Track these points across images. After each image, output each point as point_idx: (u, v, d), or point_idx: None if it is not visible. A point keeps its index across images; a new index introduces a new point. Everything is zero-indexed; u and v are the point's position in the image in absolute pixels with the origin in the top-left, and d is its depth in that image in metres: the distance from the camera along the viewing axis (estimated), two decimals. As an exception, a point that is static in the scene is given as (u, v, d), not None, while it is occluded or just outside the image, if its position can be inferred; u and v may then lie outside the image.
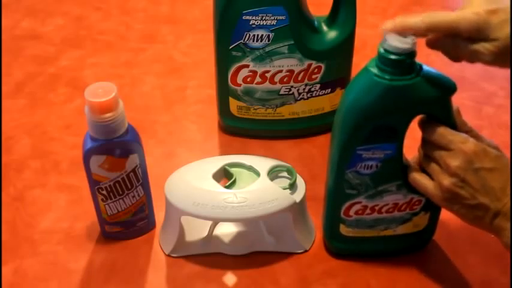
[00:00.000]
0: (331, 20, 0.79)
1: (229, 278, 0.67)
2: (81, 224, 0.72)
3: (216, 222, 0.70)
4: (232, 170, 0.67)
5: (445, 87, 0.58)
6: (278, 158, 0.70)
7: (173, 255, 0.68)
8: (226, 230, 0.71)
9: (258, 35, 0.75)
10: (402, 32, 0.56)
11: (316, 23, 0.79)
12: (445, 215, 0.73)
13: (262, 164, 0.67)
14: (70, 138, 0.85)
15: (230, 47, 0.77)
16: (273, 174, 0.67)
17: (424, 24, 0.57)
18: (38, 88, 0.95)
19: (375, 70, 0.56)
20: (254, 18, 0.74)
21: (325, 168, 0.80)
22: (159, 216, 0.71)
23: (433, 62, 1.01)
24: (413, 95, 0.57)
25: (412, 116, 0.58)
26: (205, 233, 0.70)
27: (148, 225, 0.71)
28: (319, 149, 0.83)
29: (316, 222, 0.72)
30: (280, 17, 0.74)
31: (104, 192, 0.65)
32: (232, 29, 0.75)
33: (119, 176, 0.64)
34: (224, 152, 0.83)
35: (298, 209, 0.66)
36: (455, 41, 0.57)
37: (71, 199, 0.76)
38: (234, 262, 0.68)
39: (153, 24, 1.11)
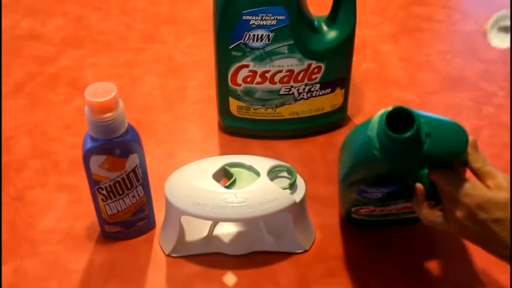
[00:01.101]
0: (331, 20, 0.79)
1: (229, 278, 0.67)
2: (81, 224, 0.72)
3: (216, 222, 0.70)
4: (232, 170, 0.67)
5: (454, 154, 0.54)
6: (278, 158, 0.70)
7: (173, 255, 0.68)
8: (226, 230, 0.71)
9: (258, 35, 0.75)
10: None
11: (316, 23, 0.79)
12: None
13: (262, 164, 0.67)
14: (70, 138, 0.85)
15: (230, 47, 0.77)
16: (273, 174, 0.67)
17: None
18: (38, 88, 0.95)
19: (374, 142, 0.53)
20: (254, 18, 0.74)
21: (325, 168, 0.80)
22: (159, 216, 0.71)
23: (434, 61, 1.02)
24: (420, 165, 0.56)
25: (419, 171, 0.58)
26: (205, 233, 0.70)
27: (148, 225, 0.71)
28: (319, 149, 0.83)
29: (316, 222, 0.72)
30: (280, 17, 0.74)
31: (104, 192, 0.65)
32: (232, 29, 0.75)
33: (119, 176, 0.64)
34: (224, 152, 0.83)
35: (298, 209, 0.66)
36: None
37: (71, 199, 0.76)
38: (234, 262, 0.68)
39: (153, 24, 1.11)
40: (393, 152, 0.52)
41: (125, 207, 0.67)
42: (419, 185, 0.59)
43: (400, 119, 0.51)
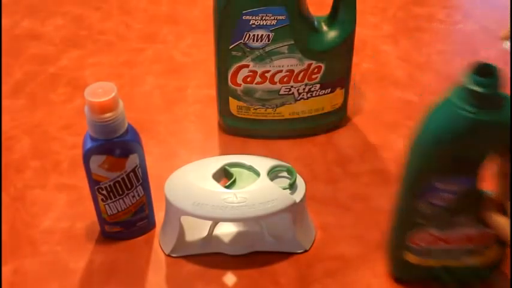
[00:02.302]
0: (331, 20, 0.79)
1: (229, 278, 0.67)
2: (81, 224, 0.72)
3: (215, 222, 0.70)
4: (232, 170, 0.67)
5: None
6: (278, 158, 0.70)
7: (173, 255, 0.69)
8: (226, 230, 0.71)
9: (258, 35, 0.75)
10: None
11: (316, 23, 0.79)
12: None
13: (262, 164, 0.67)
14: (70, 138, 0.85)
15: (230, 47, 0.77)
16: (273, 174, 0.67)
17: None
18: (38, 88, 0.95)
19: (459, 102, 0.52)
20: (254, 18, 0.74)
21: (325, 168, 0.80)
22: (159, 216, 0.71)
23: (434, 62, 1.02)
24: (499, 130, 0.52)
25: (495, 150, 0.54)
26: (205, 233, 0.70)
27: (148, 225, 0.71)
28: (319, 149, 0.83)
29: (316, 222, 0.72)
30: (280, 17, 0.74)
31: (104, 192, 0.65)
32: (232, 29, 0.75)
33: (119, 176, 0.64)
34: (224, 152, 0.83)
35: (298, 209, 0.66)
36: None
37: (71, 199, 0.76)
38: (234, 262, 0.68)
39: (153, 24, 1.11)
40: (481, 104, 0.51)
41: (125, 207, 0.67)
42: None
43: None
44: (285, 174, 0.68)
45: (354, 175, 0.79)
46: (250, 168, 0.68)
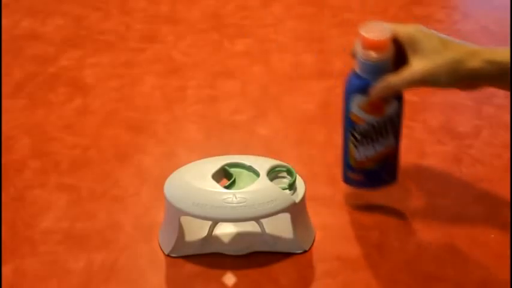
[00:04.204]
0: None
1: (229, 278, 0.67)
2: (81, 224, 0.72)
3: (215, 222, 0.70)
4: (232, 170, 0.67)
5: None
6: (278, 158, 0.70)
7: (173, 255, 0.69)
8: (226, 230, 0.71)
9: None
10: None
11: None
12: (444, 215, 0.73)
13: (262, 164, 0.67)
14: (70, 138, 0.85)
15: None
16: (272, 174, 0.67)
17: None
18: (38, 88, 0.95)
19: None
20: None
21: (325, 168, 0.80)
22: (159, 216, 0.71)
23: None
24: None
25: None
26: (204, 233, 0.70)
27: (390, 178, 0.69)
28: (319, 149, 0.83)
29: (316, 222, 0.72)
30: None
31: (357, 135, 0.64)
32: None
33: (376, 121, 0.63)
34: (224, 152, 0.83)
35: (297, 209, 0.66)
36: None
37: (71, 199, 0.76)
38: (233, 262, 0.68)
39: (153, 24, 1.11)
40: None
41: (373, 154, 0.66)
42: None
43: None
44: (284, 174, 0.68)
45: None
46: (249, 169, 0.68)
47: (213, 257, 0.68)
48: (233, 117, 0.89)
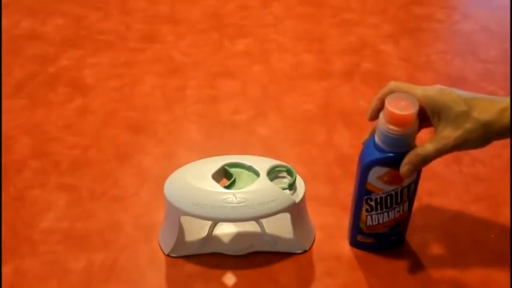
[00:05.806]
0: None
1: (229, 278, 0.67)
2: (81, 224, 0.72)
3: (215, 222, 0.70)
4: (232, 170, 0.67)
5: None
6: (278, 158, 0.70)
7: (173, 255, 0.69)
8: (226, 230, 0.71)
9: None
10: None
11: None
12: (444, 215, 0.73)
13: (262, 164, 0.67)
14: (70, 138, 0.85)
15: None
16: (272, 174, 0.67)
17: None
18: (38, 88, 0.95)
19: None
20: None
21: (325, 168, 0.80)
22: (159, 216, 0.71)
23: (434, 61, 1.02)
24: None
25: None
26: (204, 233, 0.70)
27: (399, 240, 0.69)
28: (319, 149, 0.83)
29: (316, 222, 0.72)
30: None
31: (372, 203, 0.64)
32: None
33: (394, 190, 0.62)
34: (224, 152, 0.83)
35: (297, 209, 0.66)
36: None
37: (71, 199, 0.76)
38: (233, 262, 0.68)
39: (153, 24, 1.11)
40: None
41: (386, 221, 0.65)
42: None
43: None
44: (284, 174, 0.68)
45: (354, 175, 0.79)
46: (249, 169, 0.68)
47: (213, 257, 0.68)
48: (233, 117, 0.89)
